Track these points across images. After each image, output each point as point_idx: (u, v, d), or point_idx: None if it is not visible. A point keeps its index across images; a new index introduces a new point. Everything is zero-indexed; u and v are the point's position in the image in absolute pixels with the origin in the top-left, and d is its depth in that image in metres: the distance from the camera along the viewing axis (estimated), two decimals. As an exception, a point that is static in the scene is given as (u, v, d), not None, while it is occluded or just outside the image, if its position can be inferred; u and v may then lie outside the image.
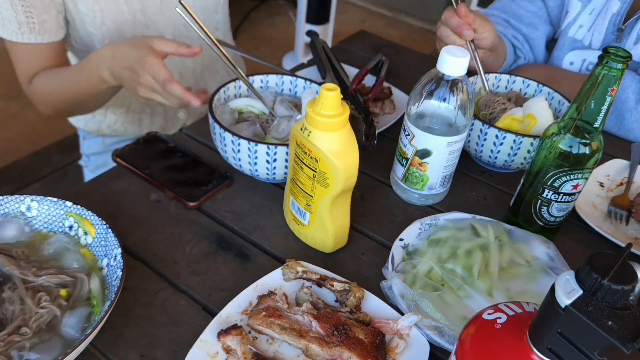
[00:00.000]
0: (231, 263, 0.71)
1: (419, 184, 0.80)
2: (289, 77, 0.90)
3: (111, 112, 1.20)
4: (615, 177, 0.91)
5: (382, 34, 1.55)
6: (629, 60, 0.61)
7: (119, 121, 1.21)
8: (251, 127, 0.83)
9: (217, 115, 0.81)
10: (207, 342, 0.59)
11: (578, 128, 0.67)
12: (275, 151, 0.75)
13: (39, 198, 0.67)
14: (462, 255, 0.69)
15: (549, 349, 0.39)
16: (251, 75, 0.88)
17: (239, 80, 0.87)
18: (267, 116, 0.86)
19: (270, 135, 0.82)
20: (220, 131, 0.77)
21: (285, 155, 0.76)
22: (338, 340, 0.58)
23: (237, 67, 0.83)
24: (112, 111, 1.20)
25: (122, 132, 1.22)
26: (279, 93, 0.91)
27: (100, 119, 1.21)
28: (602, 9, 1.07)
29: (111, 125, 1.21)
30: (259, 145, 0.75)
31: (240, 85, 0.88)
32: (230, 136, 0.75)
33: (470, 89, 0.73)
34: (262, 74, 0.90)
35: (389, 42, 1.35)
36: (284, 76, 0.90)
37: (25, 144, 2.31)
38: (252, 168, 0.78)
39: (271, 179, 0.80)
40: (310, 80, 0.90)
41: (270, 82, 0.90)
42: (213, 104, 0.81)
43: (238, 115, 0.86)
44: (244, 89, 0.88)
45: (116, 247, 0.63)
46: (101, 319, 0.55)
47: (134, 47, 0.85)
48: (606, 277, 0.36)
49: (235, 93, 0.88)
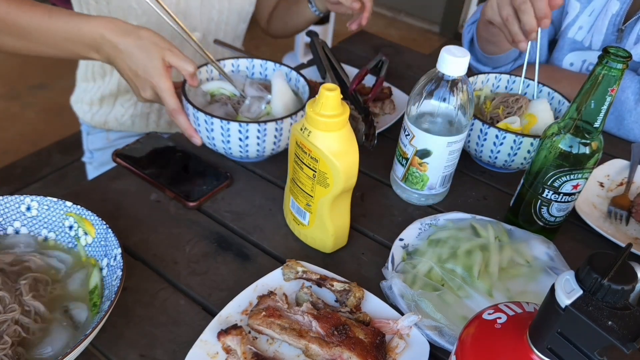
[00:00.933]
0: (231, 263, 0.71)
1: (419, 184, 0.80)
2: (259, 61, 0.93)
3: (119, 105, 1.20)
4: (615, 177, 0.91)
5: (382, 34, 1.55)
6: (629, 60, 0.61)
7: (127, 114, 1.21)
8: (223, 107, 0.86)
9: (190, 97, 0.83)
10: (207, 342, 0.59)
11: (578, 128, 0.67)
12: (247, 129, 0.78)
13: (39, 198, 0.67)
14: (462, 255, 0.69)
15: (549, 349, 0.39)
16: (222, 60, 0.91)
17: (210, 65, 0.88)
18: (239, 98, 0.89)
19: (242, 115, 0.86)
20: (193, 111, 0.79)
21: (257, 133, 0.79)
22: (338, 340, 0.58)
23: (207, 52, 0.85)
24: (120, 103, 1.20)
25: (129, 126, 1.23)
26: (249, 76, 0.94)
27: (107, 110, 1.21)
28: (602, 10, 1.07)
29: (119, 118, 1.22)
30: (231, 124, 0.77)
31: (212, 70, 0.90)
32: (204, 116, 0.78)
33: (470, 89, 0.73)
34: (233, 58, 0.93)
35: (389, 42, 1.35)
36: (254, 59, 0.94)
37: (25, 144, 2.31)
38: (226, 146, 0.81)
39: (244, 157, 0.84)
40: (280, 63, 0.93)
41: (241, 66, 0.93)
42: (186, 87, 0.83)
43: (210, 97, 0.89)
44: (216, 73, 0.91)
45: (116, 247, 0.63)
46: (101, 319, 0.55)
47: (146, 53, 0.79)
48: (606, 277, 0.36)
49: (207, 77, 0.91)
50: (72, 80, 1.28)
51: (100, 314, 0.58)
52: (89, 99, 1.22)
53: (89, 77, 1.22)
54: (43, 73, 2.71)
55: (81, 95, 1.25)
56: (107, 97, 1.20)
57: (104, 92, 1.20)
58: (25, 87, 2.61)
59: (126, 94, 1.19)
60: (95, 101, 1.22)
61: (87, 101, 1.23)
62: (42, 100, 2.55)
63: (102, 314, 0.56)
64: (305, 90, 0.87)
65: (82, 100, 1.25)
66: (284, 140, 0.83)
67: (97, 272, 0.64)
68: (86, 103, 1.23)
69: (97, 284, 0.63)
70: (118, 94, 1.19)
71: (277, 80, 0.87)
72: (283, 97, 0.87)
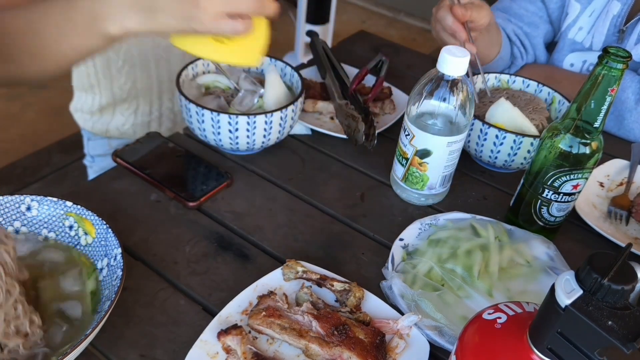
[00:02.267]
0: (231, 263, 0.71)
1: (419, 184, 0.80)
2: None
3: (119, 114, 1.20)
4: (615, 177, 0.91)
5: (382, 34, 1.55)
6: (629, 60, 0.61)
7: (127, 123, 1.21)
8: (215, 100, 0.87)
9: (184, 89, 0.84)
10: (207, 342, 0.59)
11: (578, 128, 0.67)
12: (237, 121, 0.79)
13: (39, 198, 0.67)
14: (462, 255, 0.69)
15: (549, 349, 0.39)
16: None
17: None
18: (232, 91, 0.90)
19: (234, 108, 0.86)
20: (185, 103, 0.81)
21: (246, 125, 0.80)
22: (338, 340, 0.58)
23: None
24: (119, 112, 1.20)
25: (131, 134, 1.22)
26: (245, 71, 0.94)
27: (108, 120, 1.21)
28: (603, 11, 1.07)
29: (119, 127, 1.21)
30: (221, 115, 0.79)
31: (209, 63, 0.91)
32: (195, 107, 0.80)
33: (471, 89, 0.73)
34: None
35: (389, 42, 1.35)
36: None
37: (25, 144, 2.31)
38: (216, 138, 0.82)
39: (235, 149, 0.85)
40: (276, 59, 0.93)
41: None
42: (180, 79, 0.84)
43: (205, 90, 0.90)
44: (212, 67, 0.92)
45: (116, 247, 0.63)
46: (101, 319, 0.55)
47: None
48: (606, 277, 0.36)
49: (204, 70, 0.91)
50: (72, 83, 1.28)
51: (100, 314, 0.58)
52: (87, 109, 1.22)
53: (85, 87, 1.19)
54: (43, 73, 2.71)
55: (80, 105, 1.24)
56: (105, 107, 1.19)
57: (101, 102, 1.19)
58: (25, 87, 2.61)
59: (124, 103, 1.18)
60: (94, 111, 1.21)
61: (86, 110, 1.22)
62: (42, 100, 2.55)
63: (102, 314, 0.56)
64: (299, 86, 0.88)
65: (81, 110, 1.24)
66: (274, 134, 0.84)
67: (94, 279, 0.63)
68: (86, 112, 1.23)
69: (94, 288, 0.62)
70: (115, 103, 1.18)
71: (271, 75, 0.88)
72: (276, 91, 0.87)
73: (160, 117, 1.22)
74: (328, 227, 0.78)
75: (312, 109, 0.97)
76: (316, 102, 0.97)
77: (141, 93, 1.18)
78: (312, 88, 1.00)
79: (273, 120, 0.81)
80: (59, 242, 0.67)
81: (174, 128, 1.24)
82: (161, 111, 1.21)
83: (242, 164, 0.87)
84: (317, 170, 0.88)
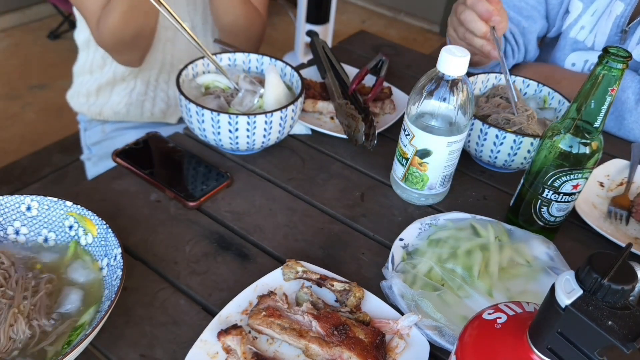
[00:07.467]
0: (231, 263, 0.71)
1: (419, 184, 0.80)
2: (255, 56, 0.94)
3: (115, 94, 1.23)
4: (615, 177, 0.91)
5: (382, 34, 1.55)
6: (629, 60, 0.61)
7: (122, 102, 1.23)
8: (215, 100, 0.87)
9: (184, 89, 0.84)
10: (207, 342, 0.59)
11: (578, 128, 0.67)
12: (237, 121, 0.79)
13: (39, 198, 0.67)
14: (462, 255, 0.69)
15: (549, 349, 0.39)
16: (219, 53, 0.92)
17: (207, 58, 0.89)
18: (232, 90, 0.90)
19: (234, 108, 0.86)
20: (185, 102, 0.81)
21: (246, 125, 0.79)
22: (338, 340, 0.58)
23: (202, 46, 0.85)
24: (116, 92, 1.23)
25: (124, 115, 1.25)
26: (245, 70, 0.94)
27: (104, 101, 1.24)
28: (605, 11, 1.07)
29: (114, 107, 1.24)
30: (221, 115, 0.78)
31: (209, 63, 0.91)
32: (195, 107, 0.79)
33: (471, 89, 0.73)
34: (230, 52, 0.93)
35: (389, 42, 1.35)
36: (250, 54, 0.94)
37: (25, 144, 2.31)
38: (216, 138, 0.82)
39: (235, 149, 0.85)
40: (276, 58, 0.93)
41: (238, 60, 0.94)
42: (181, 79, 0.84)
43: (205, 90, 0.90)
44: (213, 67, 0.92)
45: (116, 247, 0.63)
46: (101, 319, 0.55)
47: None
48: (606, 277, 0.36)
49: (204, 70, 0.91)
50: (72, 80, 1.29)
51: (100, 313, 0.58)
52: (85, 91, 1.25)
53: (86, 70, 1.25)
54: (43, 73, 2.71)
55: (78, 89, 1.27)
56: (103, 86, 1.22)
57: (101, 82, 1.22)
58: (25, 87, 2.61)
59: (122, 82, 1.22)
60: (92, 92, 1.24)
61: (83, 93, 1.26)
62: (42, 100, 2.55)
63: (102, 314, 0.56)
64: (299, 86, 0.88)
65: (78, 94, 1.27)
66: (274, 134, 0.83)
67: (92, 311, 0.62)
68: (83, 95, 1.26)
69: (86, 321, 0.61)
70: (114, 82, 1.21)
71: (271, 75, 0.88)
72: (275, 91, 0.87)
73: (154, 97, 1.24)
74: (328, 227, 0.78)
75: (312, 109, 0.97)
76: (316, 102, 0.97)
77: (141, 73, 1.21)
78: (312, 88, 1.01)
79: (273, 120, 0.81)
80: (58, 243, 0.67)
81: (167, 110, 1.27)
82: (156, 92, 1.24)
83: (242, 164, 0.87)
84: (317, 170, 0.88)
